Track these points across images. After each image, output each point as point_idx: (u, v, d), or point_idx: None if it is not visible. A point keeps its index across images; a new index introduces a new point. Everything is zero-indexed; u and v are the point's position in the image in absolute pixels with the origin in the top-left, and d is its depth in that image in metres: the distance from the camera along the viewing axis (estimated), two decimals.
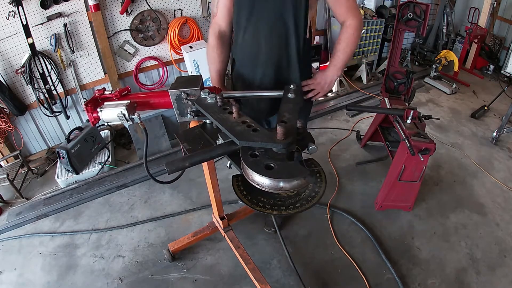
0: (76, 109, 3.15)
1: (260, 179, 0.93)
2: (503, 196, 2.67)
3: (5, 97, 2.62)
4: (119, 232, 2.38)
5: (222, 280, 2.04)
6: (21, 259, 2.22)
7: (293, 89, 1.34)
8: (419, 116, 2.32)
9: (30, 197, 2.73)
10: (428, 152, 2.07)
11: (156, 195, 2.68)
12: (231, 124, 1.07)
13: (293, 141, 0.98)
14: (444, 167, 2.96)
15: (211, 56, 1.65)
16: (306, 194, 1.08)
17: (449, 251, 2.22)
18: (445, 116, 3.77)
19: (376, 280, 2.03)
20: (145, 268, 2.11)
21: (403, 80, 2.73)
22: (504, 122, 3.20)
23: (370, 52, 4.58)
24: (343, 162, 3.02)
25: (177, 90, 1.30)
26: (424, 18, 2.51)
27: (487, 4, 4.52)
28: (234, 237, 2.00)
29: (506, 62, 3.87)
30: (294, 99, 1.29)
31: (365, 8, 4.46)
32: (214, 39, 1.60)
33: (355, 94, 4.14)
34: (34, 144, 3.10)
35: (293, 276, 2.04)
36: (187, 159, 1.06)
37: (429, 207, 2.54)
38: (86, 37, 2.87)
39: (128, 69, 3.25)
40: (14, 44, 2.59)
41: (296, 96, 1.31)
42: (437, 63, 4.37)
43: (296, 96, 1.31)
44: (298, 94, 1.32)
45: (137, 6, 2.97)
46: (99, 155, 2.95)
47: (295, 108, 1.20)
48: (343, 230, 2.35)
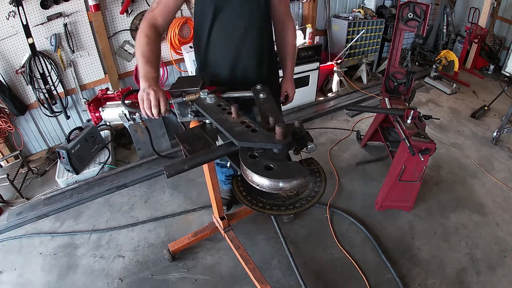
0: (76, 109, 3.16)
1: (260, 180, 0.93)
2: (503, 196, 2.66)
3: (5, 97, 2.62)
4: (119, 232, 2.38)
5: (222, 280, 2.04)
6: (21, 259, 2.22)
7: (261, 89, 1.31)
8: (419, 116, 2.31)
9: (30, 197, 2.73)
10: (428, 152, 2.07)
11: (156, 195, 2.68)
12: (230, 124, 1.07)
13: (292, 141, 0.98)
14: (444, 167, 2.96)
15: (148, 47, 1.38)
16: (306, 194, 1.08)
17: (449, 251, 2.22)
18: (445, 116, 3.77)
19: (376, 280, 2.03)
20: (145, 268, 2.11)
21: (403, 80, 2.73)
22: (504, 122, 3.20)
23: (370, 52, 4.59)
24: (343, 162, 3.02)
25: (177, 90, 1.30)
26: (424, 18, 2.50)
27: (487, 4, 4.53)
28: (234, 237, 2.00)
29: (506, 62, 3.88)
30: (267, 98, 1.26)
31: (365, 8, 4.47)
32: (150, 29, 1.42)
33: (355, 94, 4.14)
34: (34, 144, 3.11)
35: (293, 276, 2.04)
36: (186, 162, 1.06)
37: (429, 207, 2.54)
38: (86, 37, 2.87)
39: (128, 69, 3.25)
40: (14, 44, 2.60)
41: (268, 95, 1.28)
42: (437, 63, 4.37)
43: (268, 95, 1.28)
44: (268, 93, 1.29)
45: (137, 6, 2.98)
46: (99, 155, 2.95)
47: (273, 108, 1.19)
48: (343, 230, 2.35)
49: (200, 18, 1.51)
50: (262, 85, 1.33)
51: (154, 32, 1.42)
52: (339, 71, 4.09)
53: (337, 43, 4.31)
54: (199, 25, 1.54)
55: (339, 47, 4.24)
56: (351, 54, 4.42)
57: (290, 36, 1.70)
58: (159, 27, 1.46)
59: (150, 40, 1.38)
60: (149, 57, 1.33)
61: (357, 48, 4.42)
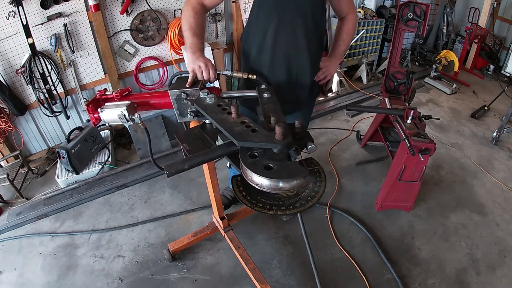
0: (76, 109, 3.15)
1: (259, 180, 0.93)
2: (503, 196, 2.66)
3: (5, 97, 2.62)
4: (119, 232, 2.38)
5: (222, 280, 2.04)
6: (21, 259, 2.22)
7: (266, 88, 1.32)
8: (419, 116, 2.31)
9: (30, 197, 2.73)
10: (428, 152, 2.07)
11: (156, 195, 2.68)
12: (230, 124, 1.07)
13: (292, 141, 0.98)
14: (444, 167, 2.96)
15: (194, 20, 1.49)
16: (305, 194, 1.08)
17: (449, 251, 2.22)
18: (445, 116, 3.77)
19: (376, 280, 2.03)
20: (145, 268, 2.11)
21: (403, 80, 2.73)
22: (504, 122, 3.20)
23: (370, 52, 4.58)
24: (343, 162, 3.02)
25: (177, 91, 1.30)
26: (424, 18, 2.50)
27: (487, 4, 4.52)
28: (234, 237, 2.00)
29: (506, 62, 3.88)
30: (271, 98, 1.27)
31: (365, 8, 4.46)
32: (197, 4, 1.52)
33: (355, 94, 4.14)
34: (34, 144, 3.10)
35: (293, 276, 2.05)
36: (186, 161, 1.06)
37: (429, 207, 2.54)
38: (86, 37, 2.87)
39: (128, 69, 3.25)
40: (14, 44, 2.59)
41: (272, 95, 1.29)
42: (437, 63, 4.37)
43: (272, 95, 1.29)
44: (273, 93, 1.31)
45: (137, 6, 2.97)
46: (99, 155, 2.95)
47: (277, 108, 1.20)
48: (343, 230, 2.35)
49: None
50: (268, 85, 1.35)
51: (201, 7, 1.53)
52: (339, 71, 4.09)
53: None
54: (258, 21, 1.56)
55: None
56: (351, 54, 4.42)
57: (345, 26, 1.78)
58: (206, 5, 1.57)
59: (196, 14, 1.49)
60: (196, 30, 1.46)
61: (357, 48, 4.42)
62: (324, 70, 1.79)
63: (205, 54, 1.48)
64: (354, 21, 1.77)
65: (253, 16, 1.56)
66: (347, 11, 1.74)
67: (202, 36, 1.49)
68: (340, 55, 1.86)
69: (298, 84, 1.69)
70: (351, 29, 1.78)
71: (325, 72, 1.79)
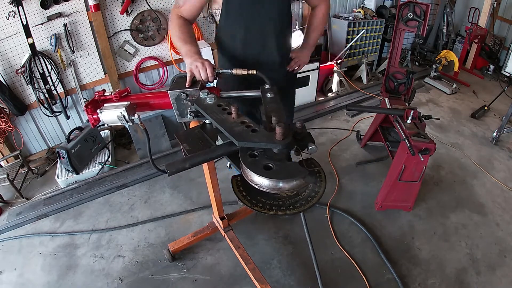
0: (76, 109, 3.15)
1: (259, 180, 0.93)
2: (503, 196, 2.66)
3: (5, 97, 2.62)
4: (119, 232, 2.38)
5: (222, 280, 2.04)
6: (21, 259, 2.22)
7: (269, 88, 1.32)
8: (419, 116, 2.31)
9: (30, 197, 2.73)
10: (428, 152, 2.07)
11: (156, 195, 2.68)
12: (230, 124, 1.07)
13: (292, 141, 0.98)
14: (444, 167, 2.96)
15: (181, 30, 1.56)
16: (305, 194, 1.08)
17: (449, 251, 2.22)
18: (445, 116, 3.77)
19: (376, 280, 2.03)
20: (145, 268, 2.11)
21: (403, 80, 2.73)
22: (504, 122, 3.20)
23: (370, 52, 4.59)
24: (343, 162, 3.02)
25: (176, 91, 1.30)
26: (424, 18, 2.50)
27: (487, 4, 4.53)
28: (234, 237, 2.00)
29: (506, 62, 3.88)
30: (274, 98, 1.27)
31: (365, 8, 4.47)
32: (179, 18, 1.59)
33: (355, 94, 4.14)
34: (34, 144, 3.11)
35: (293, 276, 2.05)
36: (187, 160, 1.06)
37: (429, 207, 2.54)
38: (86, 37, 2.87)
39: (128, 69, 3.25)
40: (14, 44, 2.59)
41: (275, 95, 1.29)
42: (437, 63, 4.37)
43: (275, 95, 1.29)
44: (276, 93, 1.30)
45: (137, 6, 2.97)
46: (99, 155, 2.95)
47: (279, 108, 1.19)
48: (343, 230, 2.35)
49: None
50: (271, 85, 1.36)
51: (183, 19, 1.59)
52: (339, 71, 4.09)
53: (337, 43, 4.31)
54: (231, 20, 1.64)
55: (339, 47, 4.24)
56: (351, 54, 4.42)
57: (316, 17, 1.86)
58: (186, 18, 1.62)
59: (181, 27, 1.56)
60: (186, 39, 1.52)
61: (357, 48, 4.42)
62: (296, 60, 1.87)
63: (204, 55, 1.49)
64: (324, 10, 1.84)
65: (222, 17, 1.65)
66: (318, 1, 1.82)
67: (195, 42, 1.54)
68: (312, 43, 1.92)
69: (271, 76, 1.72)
70: (322, 18, 1.86)
71: (297, 62, 1.87)
